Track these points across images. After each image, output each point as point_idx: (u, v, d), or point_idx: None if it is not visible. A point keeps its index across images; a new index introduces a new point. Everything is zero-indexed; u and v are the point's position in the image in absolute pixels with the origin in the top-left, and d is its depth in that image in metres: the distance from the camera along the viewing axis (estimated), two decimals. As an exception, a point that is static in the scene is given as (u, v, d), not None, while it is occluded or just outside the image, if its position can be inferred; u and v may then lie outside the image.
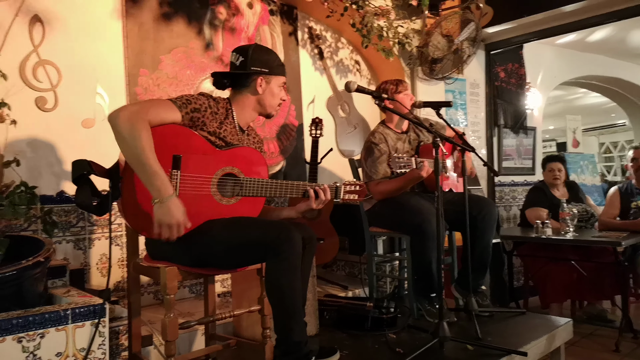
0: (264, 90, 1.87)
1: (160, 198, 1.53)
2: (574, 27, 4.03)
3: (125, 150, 1.55)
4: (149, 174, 1.53)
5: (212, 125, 1.76)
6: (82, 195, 1.61)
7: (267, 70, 1.86)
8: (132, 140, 1.52)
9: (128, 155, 1.55)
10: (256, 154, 1.84)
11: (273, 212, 1.96)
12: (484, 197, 3.31)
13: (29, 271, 1.56)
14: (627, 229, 3.32)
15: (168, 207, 1.53)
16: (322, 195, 1.86)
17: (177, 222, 1.55)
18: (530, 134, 4.95)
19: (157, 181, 1.53)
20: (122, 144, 1.55)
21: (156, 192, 1.53)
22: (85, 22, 2.59)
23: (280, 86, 1.91)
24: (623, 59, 5.93)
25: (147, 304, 2.65)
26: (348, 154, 3.80)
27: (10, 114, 2.12)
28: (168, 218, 1.54)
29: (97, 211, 1.65)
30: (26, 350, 1.44)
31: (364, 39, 3.41)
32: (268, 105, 1.90)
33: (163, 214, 1.53)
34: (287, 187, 1.83)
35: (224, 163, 1.74)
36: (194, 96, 1.74)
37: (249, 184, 1.75)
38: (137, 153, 1.52)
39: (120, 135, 1.54)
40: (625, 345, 3.02)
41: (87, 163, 1.62)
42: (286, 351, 1.66)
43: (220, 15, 3.12)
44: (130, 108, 1.59)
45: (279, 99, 1.92)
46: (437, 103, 2.56)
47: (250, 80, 1.86)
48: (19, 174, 2.06)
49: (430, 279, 2.43)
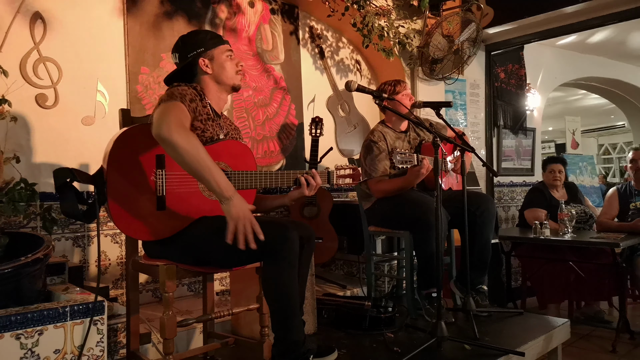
0: (211, 67, 1.86)
1: (229, 195, 1.54)
2: (574, 28, 4.04)
3: (188, 161, 1.52)
4: (217, 176, 1.53)
5: (202, 112, 1.76)
6: (67, 204, 1.59)
7: (202, 48, 1.84)
8: (193, 150, 1.51)
9: (192, 165, 1.52)
10: (241, 146, 1.83)
11: (266, 201, 1.96)
12: (482, 194, 3.32)
13: (27, 268, 1.56)
14: (625, 231, 3.32)
15: (239, 201, 1.55)
16: (312, 182, 1.84)
17: (249, 219, 1.55)
18: (529, 134, 4.96)
19: (224, 180, 1.54)
20: (183, 157, 1.52)
21: (225, 190, 1.54)
22: (86, 20, 2.59)
23: (226, 54, 1.87)
24: (623, 61, 5.94)
25: (146, 302, 2.65)
26: (348, 154, 3.80)
27: (10, 110, 2.12)
28: (242, 213, 1.54)
29: (85, 219, 1.64)
30: (24, 347, 1.44)
31: (365, 39, 3.41)
32: (225, 78, 1.87)
33: (237, 212, 1.53)
34: (277, 177, 1.82)
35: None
36: (182, 88, 1.73)
37: (238, 176, 1.75)
38: (202, 159, 1.52)
39: (179, 150, 1.51)
40: (622, 346, 3.03)
41: (69, 171, 1.61)
42: (284, 350, 1.66)
43: (222, 13, 3.12)
44: (172, 120, 1.56)
45: (232, 67, 1.87)
46: (437, 103, 2.56)
47: (196, 68, 1.86)
48: (19, 170, 2.06)
49: (432, 272, 2.43)
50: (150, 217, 1.62)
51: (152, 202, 1.62)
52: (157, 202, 1.62)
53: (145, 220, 1.61)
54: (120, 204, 1.58)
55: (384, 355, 2.05)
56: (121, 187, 1.59)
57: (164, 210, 1.63)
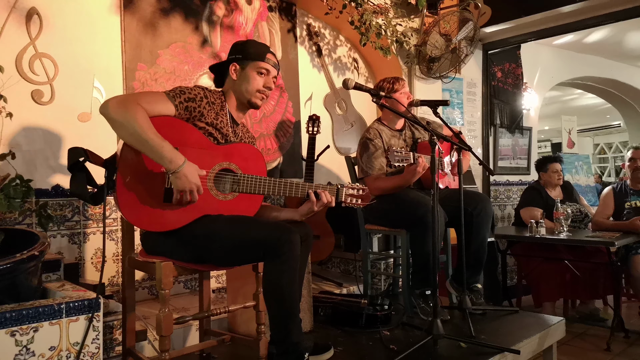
0: (238, 75, 1.86)
1: (174, 168, 1.55)
2: (571, 27, 4.05)
3: (125, 133, 1.54)
4: (157, 148, 1.53)
5: (210, 116, 1.76)
6: (77, 183, 1.60)
7: (241, 55, 1.85)
8: (129, 122, 1.52)
9: (129, 138, 1.55)
10: (253, 151, 1.83)
11: (272, 212, 1.91)
12: (479, 193, 3.32)
13: (23, 265, 1.55)
14: (621, 230, 3.34)
15: (184, 175, 1.57)
16: (324, 198, 1.81)
17: (196, 186, 1.60)
18: (526, 134, 4.97)
19: (166, 153, 1.54)
20: (120, 129, 1.54)
21: (168, 163, 1.55)
22: (82, 16, 2.57)
23: (258, 70, 1.85)
24: (619, 61, 5.97)
25: (141, 299, 2.65)
26: (345, 152, 3.80)
27: (6, 106, 2.10)
28: (188, 185, 1.58)
29: (92, 200, 1.65)
30: (19, 344, 1.43)
31: (362, 37, 3.41)
32: (244, 91, 1.85)
33: (182, 184, 1.57)
34: (287, 187, 1.79)
35: (220, 158, 1.74)
36: (189, 87, 1.74)
37: (246, 180, 1.75)
38: (138, 132, 1.52)
39: (115, 122, 1.54)
40: (617, 345, 3.05)
41: (82, 150, 1.62)
42: (284, 351, 1.66)
43: (219, 10, 3.11)
44: (119, 96, 1.61)
45: (256, 84, 1.84)
46: (434, 101, 2.56)
47: (228, 69, 1.87)
48: (14, 167, 2.05)
49: (427, 272, 2.43)
50: (156, 208, 1.62)
51: (160, 194, 1.62)
52: (165, 194, 1.62)
53: (150, 210, 1.61)
54: (128, 191, 1.58)
55: (381, 353, 2.05)
56: (131, 174, 1.59)
57: (170, 203, 1.63)
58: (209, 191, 1.70)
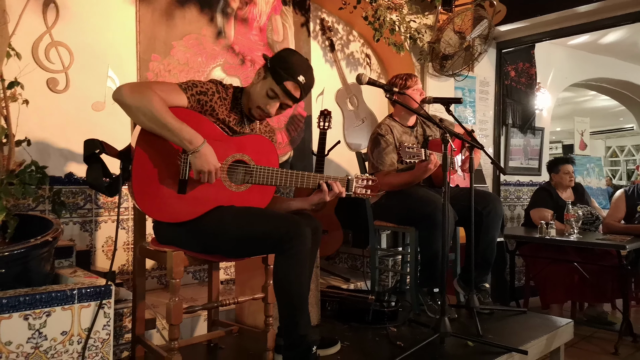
0: (256, 81, 1.81)
1: (194, 148, 1.57)
2: (586, 28, 4.00)
3: (143, 119, 1.55)
4: (176, 131, 1.55)
5: (222, 112, 1.77)
6: (93, 175, 1.62)
7: (269, 65, 1.77)
8: (146, 107, 1.53)
9: (148, 123, 1.55)
10: (266, 142, 1.84)
11: (283, 203, 1.92)
12: (490, 193, 3.31)
13: (36, 250, 1.57)
14: (632, 233, 3.31)
15: (204, 154, 1.58)
16: (335, 189, 1.82)
17: (215, 168, 1.61)
18: (538, 134, 4.93)
19: (186, 134, 1.56)
20: (137, 115, 1.55)
21: (188, 143, 1.56)
22: (98, 6, 2.59)
23: (270, 91, 1.76)
24: (635, 62, 5.89)
25: (151, 288, 2.67)
26: (355, 147, 3.80)
27: (22, 93, 2.12)
28: (207, 165, 1.59)
29: (108, 191, 1.66)
30: (32, 327, 1.45)
31: (376, 33, 3.39)
32: (250, 100, 1.81)
33: (201, 164, 1.59)
34: (299, 178, 1.80)
35: (234, 150, 1.74)
36: (202, 81, 1.75)
37: (259, 172, 1.75)
38: (156, 116, 1.53)
39: (131, 108, 1.54)
40: (625, 349, 3.03)
41: (99, 142, 1.63)
42: (292, 344, 1.68)
43: (233, 3, 3.11)
44: (131, 83, 1.61)
45: (261, 100, 1.78)
46: (447, 99, 2.55)
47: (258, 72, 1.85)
48: (29, 153, 2.07)
49: (435, 270, 2.43)
50: (170, 199, 1.64)
51: (174, 185, 1.64)
52: (179, 186, 1.64)
53: (164, 201, 1.63)
54: (143, 181, 1.60)
55: (387, 349, 2.06)
56: (146, 165, 1.60)
57: (184, 195, 1.64)
58: (222, 182, 1.71)
